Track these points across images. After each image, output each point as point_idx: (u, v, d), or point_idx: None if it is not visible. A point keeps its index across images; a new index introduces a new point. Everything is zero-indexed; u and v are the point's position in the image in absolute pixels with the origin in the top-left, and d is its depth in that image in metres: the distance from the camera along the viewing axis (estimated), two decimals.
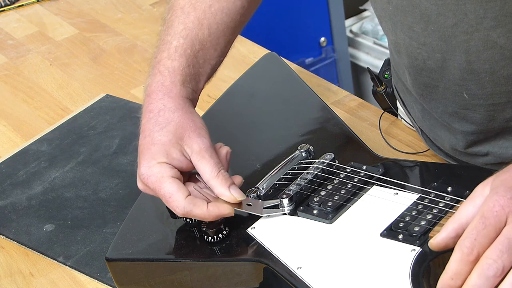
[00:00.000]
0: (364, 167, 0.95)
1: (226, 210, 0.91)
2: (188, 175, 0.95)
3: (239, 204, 0.92)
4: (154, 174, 0.91)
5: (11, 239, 1.10)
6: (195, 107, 0.99)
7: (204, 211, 0.90)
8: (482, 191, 0.78)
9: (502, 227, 0.74)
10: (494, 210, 0.75)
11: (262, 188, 0.95)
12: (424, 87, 1.01)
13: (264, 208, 0.92)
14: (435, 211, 0.85)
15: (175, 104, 0.95)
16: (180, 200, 0.90)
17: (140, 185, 0.94)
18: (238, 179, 0.94)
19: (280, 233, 0.90)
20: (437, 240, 0.78)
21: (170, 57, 0.98)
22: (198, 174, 0.93)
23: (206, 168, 0.92)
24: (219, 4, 1.01)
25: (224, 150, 0.96)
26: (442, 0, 0.91)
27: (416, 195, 0.88)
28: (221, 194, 0.91)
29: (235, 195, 0.91)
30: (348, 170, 0.95)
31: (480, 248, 0.74)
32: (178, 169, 0.92)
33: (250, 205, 0.92)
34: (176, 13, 1.01)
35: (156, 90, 0.96)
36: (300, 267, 0.85)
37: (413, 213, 0.86)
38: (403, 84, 1.08)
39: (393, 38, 1.02)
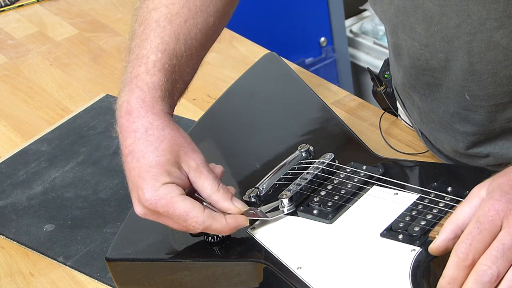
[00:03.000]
0: (364, 167, 0.95)
1: (244, 221, 0.89)
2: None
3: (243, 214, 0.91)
4: (163, 196, 0.86)
5: (11, 239, 1.10)
6: None
7: (223, 224, 0.88)
8: (478, 193, 0.79)
9: (497, 232, 0.75)
10: (489, 214, 0.75)
11: (262, 188, 0.95)
12: (426, 87, 1.01)
13: (266, 213, 0.92)
14: (435, 211, 0.85)
15: (162, 121, 0.90)
16: (199, 216, 0.86)
17: (141, 211, 0.89)
18: (232, 189, 0.92)
19: (280, 233, 0.90)
20: (436, 243, 0.78)
21: (148, 72, 0.93)
22: (196, 191, 0.91)
23: (206, 184, 0.89)
24: (194, 20, 0.98)
25: (219, 169, 0.93)
26: (445, 0, 0.91)
27: (416, 195, 0.88)
28: (225, 207, 0.89)
29: (239, 206, 0.89)
30: (348, 170, 0.95)
31: (475, 253, 0.74)
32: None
33: (253, 213, 0.92)
34: (151, 26, 0.96)
35: (138, 107, 0.91)
36: (300, 267, 0.85)
37: (413, 213, 0.86)
38: (402, 87, 1.08)
39: (393, 40, 1.01)
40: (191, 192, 0.91)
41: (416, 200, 0.88)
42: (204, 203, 0.90)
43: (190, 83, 1.00)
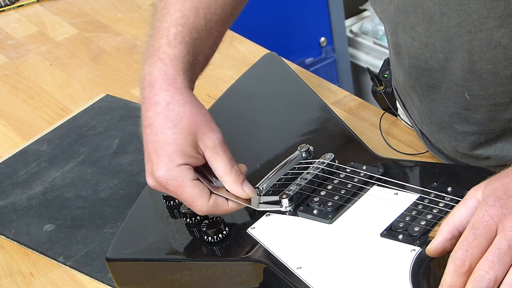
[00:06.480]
0: (364, 167, 0.95)
1: (242, 205, 0.92)
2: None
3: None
4: (175, 178, 0.89)
5: (11, 239, 1.10)
6: None
7: (226, 209, 0.91)
8: (474, 194, 0.79)
9: (493, 237, 0.75)
10: (484, 220, 0.75)
11: (262, 188, 0.95)
12: (425, 87, 1.01)
13: (261, 203, 0.93)
14: (435, 211, 0.85)
15: (183, 97, 0.92)
16: (203, 205, 0.90)
17: (153, 183, 0.91)
18: (243, 167, 0.93)
19: (280, 233, 0.90)
20: (434, 244, 0.78)
21: (170, 44, 0.94)
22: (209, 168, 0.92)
23: (219, 164, 0.91)
24: None
25: (242, 168, 0.94)
26: (446, 0, 0.91)
27: (416, 195, 0.88)
28: (234, 190, 0.91)
29: (248, 191, 0.91)
30: (348, 170, 0.95)
31: (472, 259, 0.74)
32: (194, 166, 0.91)
33: (262, 203, 0.93)
34: (171, 0, 0.98)
35: (160, 80, 0.92)
36: (300, 267, 0.85)
37: (413, 213, 0.86)
38: (402, 86, 1.08)
39: (393, 39, 1.01)
40: (207, 167, 0.92)
41: (416, 200, 0.88)
42: (212, 181, 0.92)
43: (212, 58, 1.01)
